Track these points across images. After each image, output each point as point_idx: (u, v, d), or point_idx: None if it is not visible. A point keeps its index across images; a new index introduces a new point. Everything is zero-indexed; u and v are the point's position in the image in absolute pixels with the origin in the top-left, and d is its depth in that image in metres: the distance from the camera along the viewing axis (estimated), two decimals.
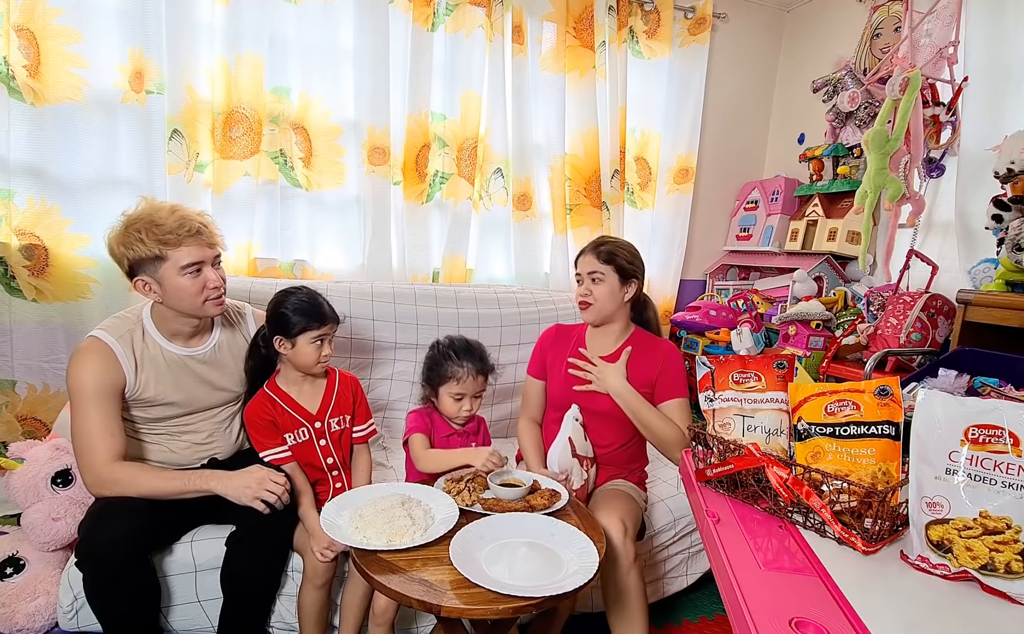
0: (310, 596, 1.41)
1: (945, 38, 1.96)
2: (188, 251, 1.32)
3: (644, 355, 1.62)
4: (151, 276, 1.32)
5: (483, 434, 1.63)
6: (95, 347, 1.32)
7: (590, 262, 1.59)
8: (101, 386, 1.30)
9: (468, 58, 2.33)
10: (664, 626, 1.84)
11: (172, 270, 1.32)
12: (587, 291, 1.59)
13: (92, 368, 1.30)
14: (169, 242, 1.30)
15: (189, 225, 1.33)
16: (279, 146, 2.14)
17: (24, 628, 1.46)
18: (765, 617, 0.74)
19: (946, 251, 2.08)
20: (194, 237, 1.33)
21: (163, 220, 1.31)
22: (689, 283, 2.98)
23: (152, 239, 1.29)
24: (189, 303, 1.36)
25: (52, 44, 1.80)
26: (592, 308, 1.60)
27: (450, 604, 0.98)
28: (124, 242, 1.30)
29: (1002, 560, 0.79)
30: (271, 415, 1.48)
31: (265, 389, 1.52)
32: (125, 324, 1.38)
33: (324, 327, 1.46)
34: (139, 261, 1.31)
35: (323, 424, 1.53)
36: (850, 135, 2.38)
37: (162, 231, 1.30)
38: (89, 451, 1.29)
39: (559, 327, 1.78)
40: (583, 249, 1.65)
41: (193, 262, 1.33)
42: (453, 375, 1.51)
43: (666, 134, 2.78)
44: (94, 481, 1.30)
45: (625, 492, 1.58)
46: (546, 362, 1.72)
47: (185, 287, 1.33)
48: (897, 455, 0.96)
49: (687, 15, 2.70)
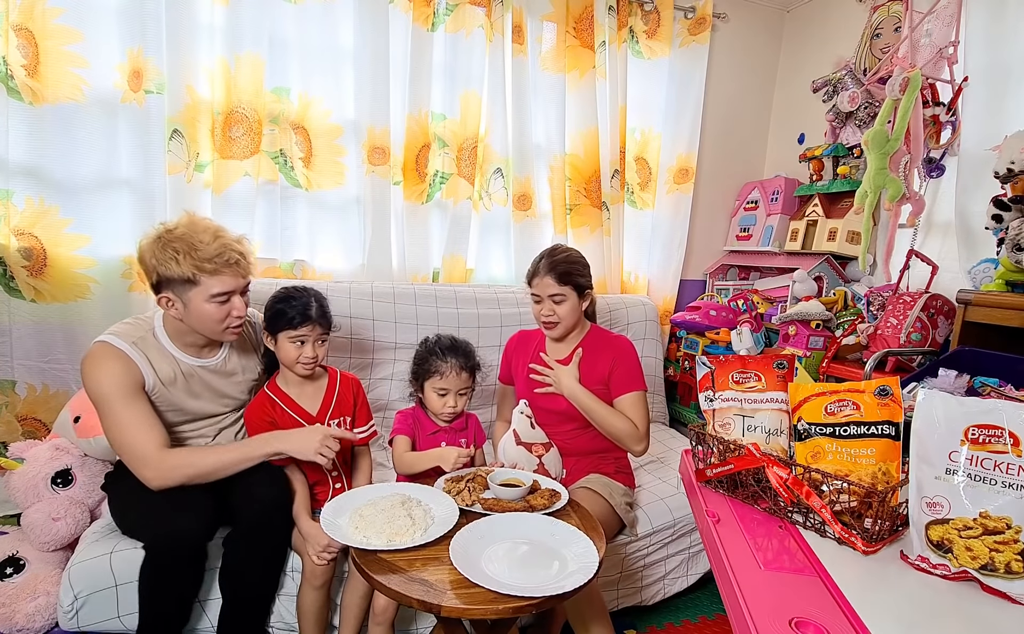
0: (309, 597, 1.41)
1: (945, 38, 1.96)
2: (222, 281, 1.30)
3: (597, 352, 1.70)
4: (178, 295, 1.30)
5: (473, 430, 1.63)
6: (105, 352, 1.30)
7: (549, 285, 1.63)
8: (124, 386, 1.28)
9: (468, 58, 2.33)
10: (664, 626, 1.84)
11: (201, 295, 1.30)
12: (551, 312, 1.65)
13: (109, 371, 1.28)
14: (205, 269, 1.28)
15: (228, 255, 1.31)
16: (279, 146, 2.14)
17: (24, 628, 1.46)
18: (765, 617, 0.74)
19: (946, 251, 2.08)
20: (231, 267, 1.32)
21: (204, 244, 1.28)
22: (689, 283, 2.98)
23: (189, 262, 1.26)
24: (209, 328, 1.35)
25: (51, 44, 1.80)
26: (559, 326, 1.67)
27: (450, 604, 0.98)
28: (159, 257, 1.27)
29: (1002, 560, 0.79)
30: (271, 416, 1.48)
31: (265, 390, 1.52)
32: (135, 330, 1.36)
33: (303, 328, 1.44)
34: (170, 280, 1.28)
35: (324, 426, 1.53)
36: (850, 135, 2.38)
37: (201, 256, 1.27)
38: (136, 449, 1.28)
39: (522, 333, 1.88)
40: (536, 268, 1.67)
41: (224, 291, 1.31)
42: (437, 370, 1.53)
43: (666, 134, 2.78)
44: (155, 475, 1.28)
45: (593, 492, 1.59)
46: (512, 368, 1.81)
47: (210, 314, 1.32)
48: (897, 455, 0.96)
49: (687, 15, 2.69)
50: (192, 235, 1.29)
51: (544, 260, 1.66)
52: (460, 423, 1.60)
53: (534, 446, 1.61)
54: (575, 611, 1.45)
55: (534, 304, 1.70)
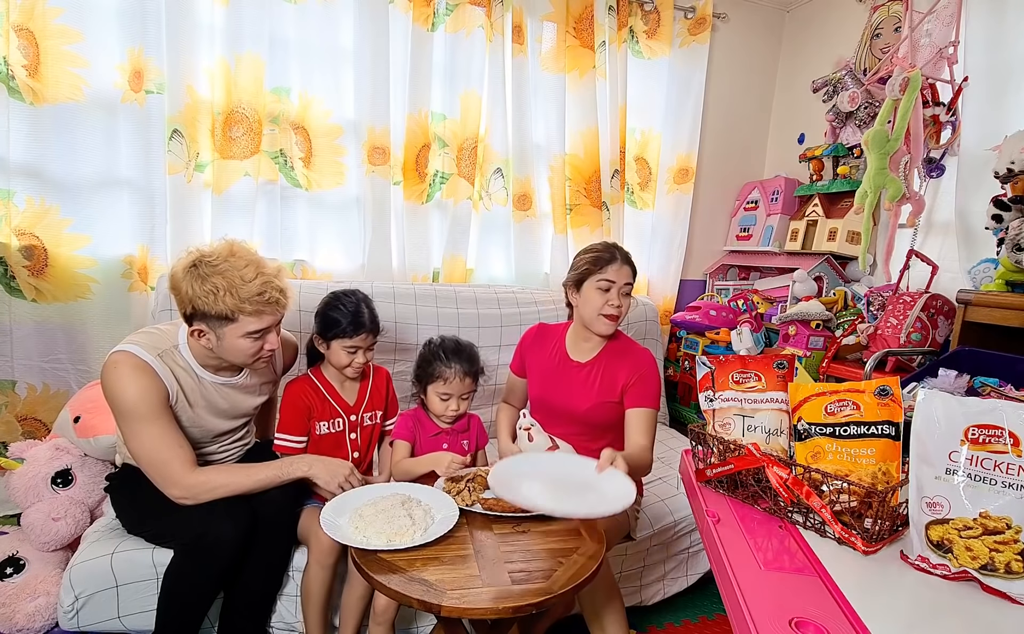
0: (317, 577, 1.41)
1: (945, 38, 1.96)
2: (259, 320, 1.28)
3: (621, 359, 1.59)
4: (212, 329, 1.27)
5: (475, 432, 1.63)
6: (131, 362, 1.25)
7: (627, 274, 1.54)
8: (149, 402, 1.25)
9: (468, 58, 2.33)
10: (665, 626, 1.84)
11: (237, 332, 1.27)
12: (619, 303, 1.53)
13: (134, 384, 1.23)
14: (246, 311, 1.25)
15: (270, 294, 1.27)
16: (279, 146, 2.14)
17: (24, 628, 1.46)
18: (765, 617, 0.74)
19: (946, 251, 2.08)
20: (271, 306, 1.29)
21: (246, 282, 1.24)
22: (689, 283, 2.98)
23: (230, 301, 1.23)
24: (240, 360, 1.34)
25: (52, 44, 1.80)
26: (618, 321, 1.56)
27: (450, 604, 0.98)
28: (196, 291, 1.22)
29: (1002, 560, 0.79)
30: (309, 401, 1.52)
31: (309, 374, 1.57)
32: (160, 342, 1.32)
33: (357, 337, 1.48)
34: (207, 315, 1.24)
35: (357, 418, 1.58)
36: (850, 135, 2.38)
37: (242, 296, 1.24)
38: (164, 469, 1.27)
39: (541, 326, 1.77)
40: (612, 255, 1.55)
41: (260, 329, 1.30)
42: (441, 375, 1.52)
43: (666, 134, 2.78)
44: (184, 493, 1.27)
45: None
46: (526, 362, 1.73)
47: (244, 349, 1.30)
48: (897, 455, 0.96)
49: (687, 15, 2.69)
50: (233, 272, 1.24)
51: (619, 249, 1.56)
52: (462, 425, 1.60)
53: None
54: (590, 604, 1.44)
55: (598, 293, 1.52)
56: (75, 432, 1.64)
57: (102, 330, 1.95)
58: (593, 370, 1.60)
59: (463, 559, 1.12)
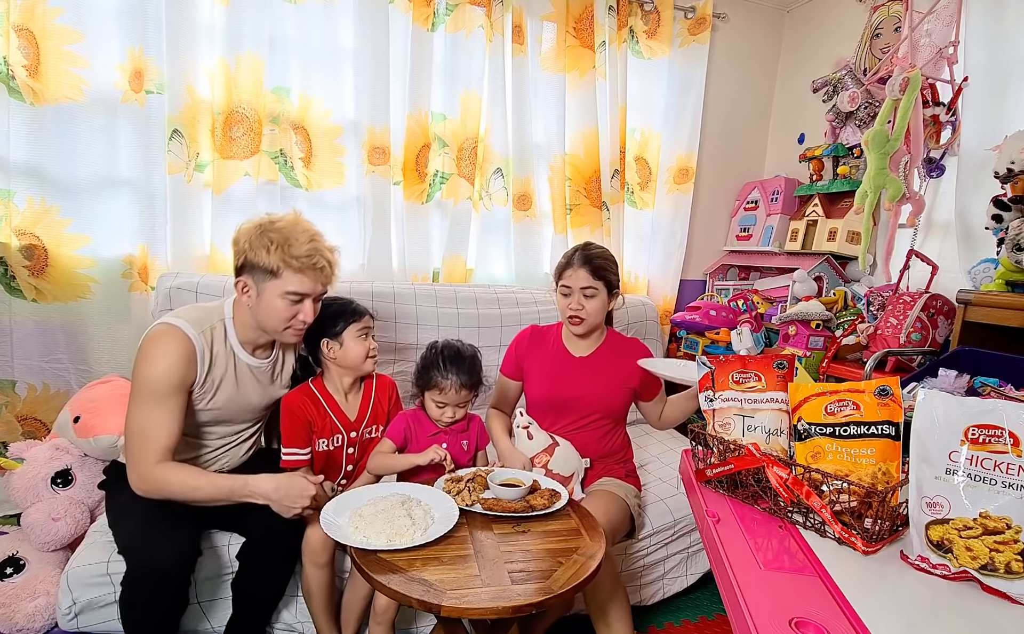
0: (314, 578, 1.41)
1: (945, 38, 1.96)
2: (300, 281, 1.32)
3: (622, 348, 1.71)
4: (255, 283, 1.32)
5: (475, 431, 1.62)
6: (176, 338, 1.28)
7: (583, 277, 1.60)
8: (173, 382, 1.26)
9: (468, 58, 2.33)
10: (665, 626, 1.84)
11: (277, 289, 1.31)
12: (580, 306, 1.61)
13: (168, 360, 1.26)
14: (291, 265, 1.30)
15: (317, 259, 1.33)
16: (279, 146, 2.14)
17: (24, 628, 1.46)
18: (765, 617, 0.74)
19: (946, 251, 2.08)
20: (315, 271, 1.33)
21: (298, 243, 1.31)
22: (689, 283, 2.98)
23: (278, 255, 1.29)
24: (272, 323, 1.35)
25: (52, 44, 1.80)
26: (585, 323, 1.63)
27: (450, 604, 0.98)
28: (252, 243, 1.30)
29: (1002, 560, 0.79)
30: (310, 415, 1.49)
31: (311, 385, 1.53)
32: (208, 318, 1.36)
33: (364, 318, 1.51)
34: (255, 266, 1.31)
35: (358, 433, 1.56)
36: (850, 135, 2.38)
37: (291, 253, 1.29)
38: (141, 447, 1.26)
39: (534, 328, 1.80)
40: (569, 260, 1.64)
41: (300, 292, 1.33)
42: (437, 384, 1.50)
43: (666, 134, 2.78)
44: (139, 481, 1.27)
45: (611, 493, 1.59)
46: (523, 364, 1.75)
47: (279, 310, 1.33)
48: (897, 455, 0.96)
49: (687, 15, 2.69)
50: (291, 231, 1.32)
51: (579, 253, 1.63)
52: (461, 425, 1.60)
53: (536, 457, 1.58)
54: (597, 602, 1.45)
55: (561, 298, 1.65)
56: (75, 432, 1.64)
57: (102, 330, 1.95)
58: (598, 362, 1.68)
59: (463, 559, 1.12)
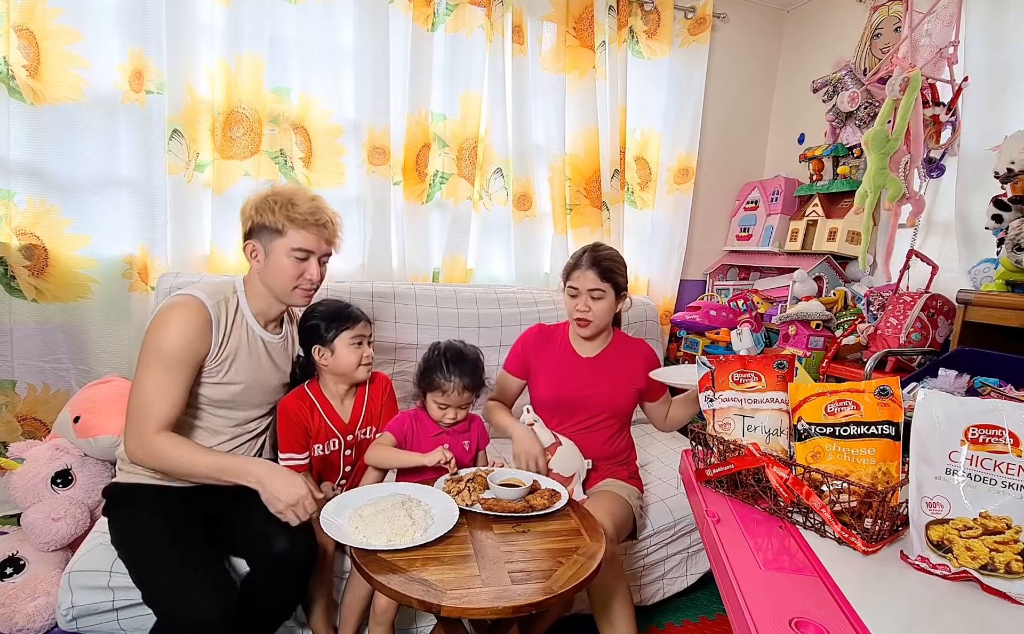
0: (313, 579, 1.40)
1: (945, 38, 1.96)
2: (304, 237, 1.36)
3: (627, 355, 1.71)
4: (262, 244, 1.37)
5: (476, 431, 1.62)
6: (193, 306, 1.29)
7: (591, 279, 1.59)
8: (185, 350, 1.27)
9: (468, 58, 2.33)
10: (665, 626, 1.84)
11: (283, 248, 1.36)
12: (587, 308, 1.61)
13: (183, 328, 1.27)
14: (295, 222, 1.35)
15: (319, 216, 1.38)
16: (279, 146, 2.13)
17: (24, 628, 1.46)
18: (765, 617, 0.74)
19: (946, 251, 2.08)
20: (317, 228, 1.38)
21: (300, 202, 1.37)
22: (689, 283, 2.98)
23: (282, 214, 1.34)
24: (281, 284, 1.39)
25: (52, 44, 1.80)
26: (592, 325, 1.62)
27: (450, 604, 0.98)
28: (258, 207, 1.36)
29: (1002, 560, 0.79)
30: (306, 420, 1.48)
31: (306, 389, 1.52)
32: (221, 290, 1.39)
33: (358, 326, 1.49)
34: (261, 227, 1.36)
35: (353, 436, 1.55)
36: (850, 135, 2.38)
37: (294, 211, 1.35)
38: (142, 414, 1.25)
39: (541, 327, 1.80)
40: (577, 261, 1.64)
41: (304, 248, 1.37)
42: (440, 386, 1.49)
43: (666, 134, 2.78)
44: (136, 448, 1.26)
45: (615, 494, 1.59)
46: (529, 363, 1.74)
47: (286, 268, 1.37)
48: (897, 455, 0.96)
49: (687, 15, 2.69)
50: (293, 193, 1.38)
51: (587, 254, 1.62)
52: (463, 426, 1.59)
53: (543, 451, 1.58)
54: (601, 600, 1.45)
55: (568, 299, 1.65)
56: (75, 432, 1.64)
57: (102, 330, 1.95)
58: (605, 363, 1.68)
59: (463, 559, 1.12)
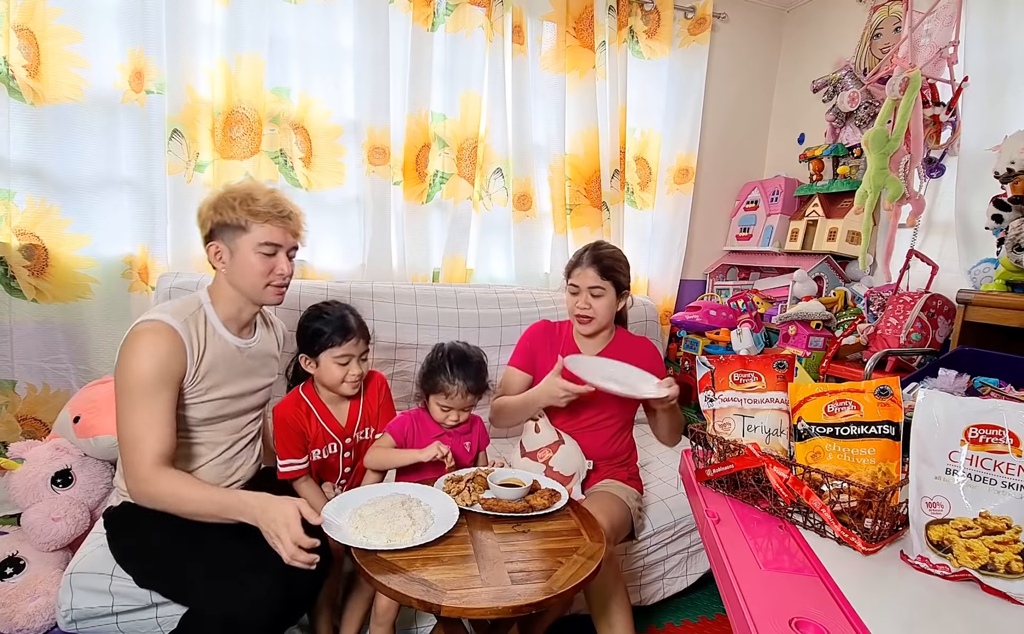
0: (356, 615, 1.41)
1: (945, 38, 1.96)
2: (270, 230, 1.33)
3: (632, 346, 1.73)
4: (226, 244, 1.32)
5: (477, 432, 1.61)
6: (161, 330, 1.23)
7: (591, 277, 1.60)
8: (160, 376, 1.21)
9: (468, 58, 2.33)
10: (664, 626, 1.84)
11: (249, 244, 1.31)
12: (587, 306, 1.61)
13: (155, 353, 1.21)
14: (258, 216, 1.31)
15: (281, 207, 1.35)
16: (279, 146, 2.14)
17: (24, 628, 1.46)
18: (765, 617, 0.74)
19: (946, 251, 2.08)
20: (281, 220, 1.35)
21: (259, 196, 1.33)
22: (689, 283, 2.98)
23: (243, 209, 1.30)
24: (251, 283, 1.34)
25: (52, 44, 1.80)
26: (593, 322, 1.63)
27: (450, 604, 0.98)
28: (216, 206, 1.32)
29: (1002, 560, 0.79)
30: (303, 425, 1.46)
31: (301, 393, 1.49)
32: (187, 307, 1.33)
33: (347, 343, 1.42)
34: (222, 226, 1.31)
35: (352, 439, 1.54)
36: (850, 135, 2.38)
37: (255, 205, 1.31)
38: (135, 452, 1.20)
39: (546, 323, 1.80)
40: (578, 259, 1.64)
41: (271, 242, 1.33)
42: (443, 389, 1.47)
43: (666, 134, 2.78)
44: (135, 489, 1.21)
45: (613, 495, 1.59)
46: (536, 359, 1.73)
47: (254, 265, 1.32)
48: (897, 455, 0.96)
49: (687, 15, 2.70)
50: (251, 189, 1.35)
51: (588, 252, 1.63)
52: (464, 427, 1.59)
53: (539, 452, 1.58)
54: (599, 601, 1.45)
55: (570, 296, 1.66)
56: (75, 432, 1.64)
57: (102, 330, 1.95)
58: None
59: (463, 559, 1.12)
